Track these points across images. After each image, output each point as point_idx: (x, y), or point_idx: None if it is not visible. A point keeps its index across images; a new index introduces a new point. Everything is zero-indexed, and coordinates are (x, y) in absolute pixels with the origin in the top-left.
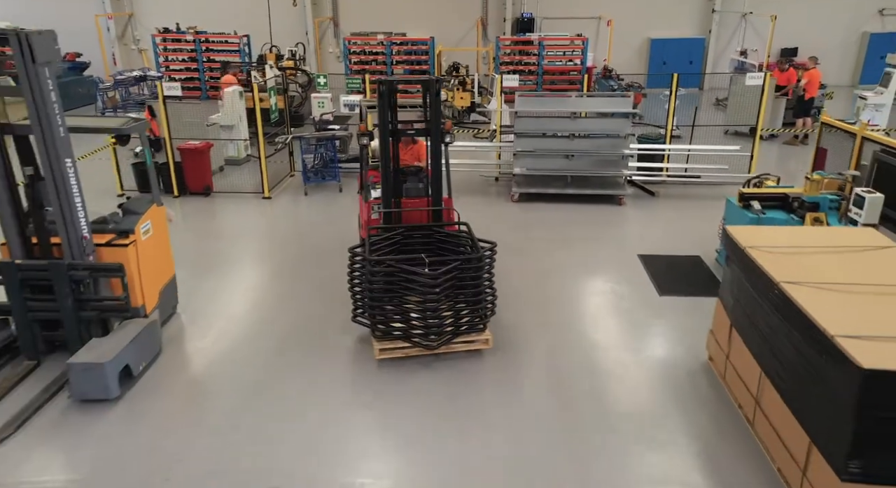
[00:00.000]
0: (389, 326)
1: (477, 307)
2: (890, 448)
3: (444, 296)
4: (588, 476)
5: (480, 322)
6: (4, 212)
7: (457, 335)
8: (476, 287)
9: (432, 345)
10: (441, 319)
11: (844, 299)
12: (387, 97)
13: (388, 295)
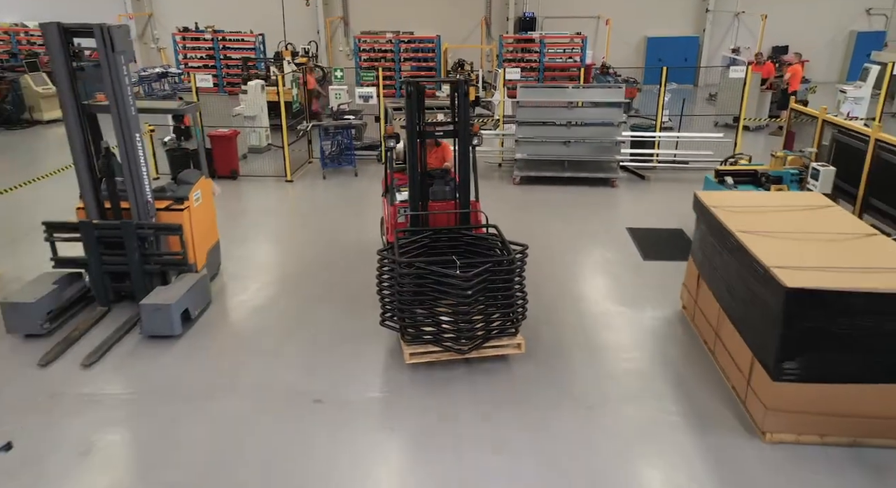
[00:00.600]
0: (420, 330)
1: (509, 310)
2: (808, 351)
3: (475, 299)
4: (576, 390)
5: (512, 326)
6: (83, 180)
7: (488, 339)
8: (507, 290)
9: (463, 349)
10: (472, 323)
11: (782, 243)
12: (415, 98)
13: (418, 298)
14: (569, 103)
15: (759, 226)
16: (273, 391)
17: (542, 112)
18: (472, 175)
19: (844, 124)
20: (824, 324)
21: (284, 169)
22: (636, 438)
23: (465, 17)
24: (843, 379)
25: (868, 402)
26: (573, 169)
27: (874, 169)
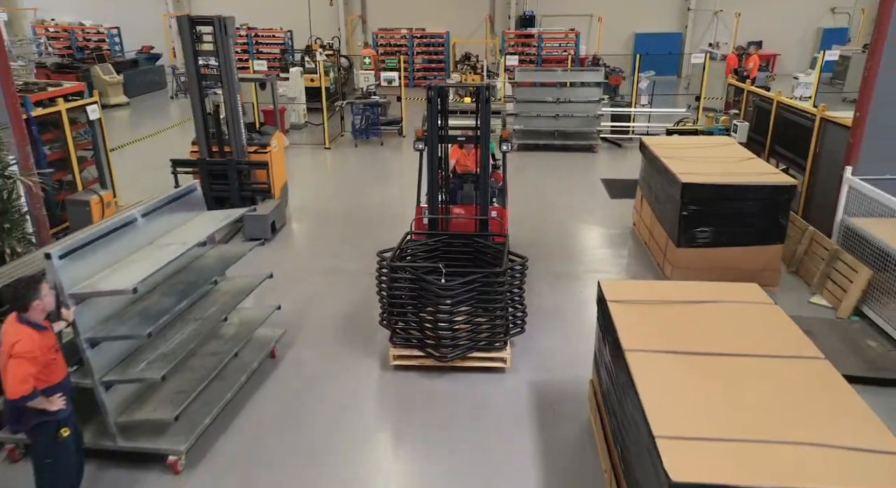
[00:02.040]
0: (408, 333)
1: (495, 323)
2: (696, 226)
3: (459, 308)
4: (553, 269)
5: (498, 340)
6: (199, 129)
7: (472, 349)
8: (496, 302)
9: (444, 357)
10: (454, 332)
11: (689, 162)
12: (436, 102)
13: (407, 302)
14: (558, 83)
15: (677, 155)
16: (337, 272)
17: (535, 92)
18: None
19: (760, 92)
20: (707, 207)
21: (324, 138)
22: (591, 287)
23: (472, 15)
24: (721, 244)
25: (740, 259)
26: (561, 138)
27: (777, 124)
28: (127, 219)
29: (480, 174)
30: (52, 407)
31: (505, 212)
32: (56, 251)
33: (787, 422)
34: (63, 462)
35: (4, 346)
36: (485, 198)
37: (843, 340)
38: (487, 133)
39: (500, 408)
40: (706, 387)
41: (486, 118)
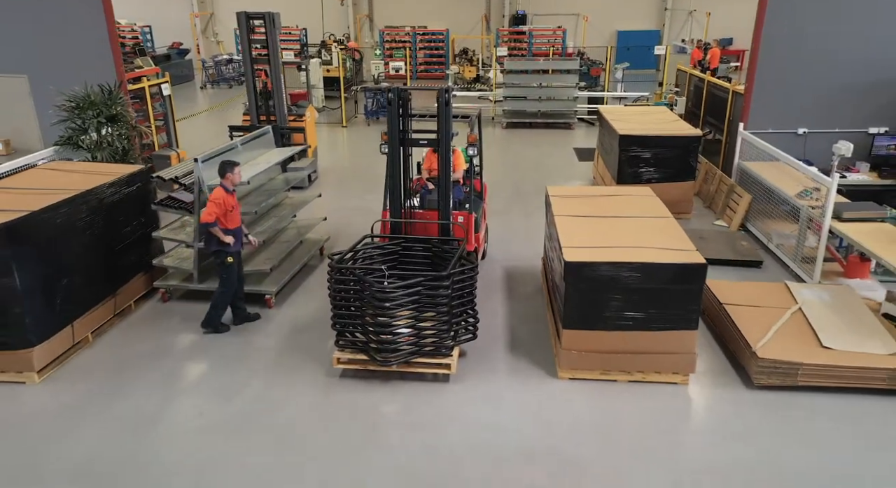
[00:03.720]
0: (353, 336)
1: (441, 329)
2: (630, 168)
3: (401, 312)
4: (527, 207)
5: (445, 346)
6: (251, 101)
7: (416, 355)
8: (442, 307)
9: (385, 362)
10: (394, 336)
11: (629, 123)
12: (396, 105)
13: (351, 304)
14: (542, 71)
15: (621, 118)
16: (360, 209)
17: (522, 78)
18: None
19: (697, 74)
20: (637, 153)
21: (341, 118)
22: None
23: (469, 14)
24: (649, 181)
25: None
26: (543, 117)
27: (707, 99)
28: (232, 145)
29: (441, 177)
30: (224, 239)
31: (472, 217)
32: (200, 158)
33: (636, 240)
34: (230, 277)
35: (211, 195)
36: (445, 202)
37: (727, 242)
38: (448, 136)
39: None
40: (596, 228)
41: (446, 121)
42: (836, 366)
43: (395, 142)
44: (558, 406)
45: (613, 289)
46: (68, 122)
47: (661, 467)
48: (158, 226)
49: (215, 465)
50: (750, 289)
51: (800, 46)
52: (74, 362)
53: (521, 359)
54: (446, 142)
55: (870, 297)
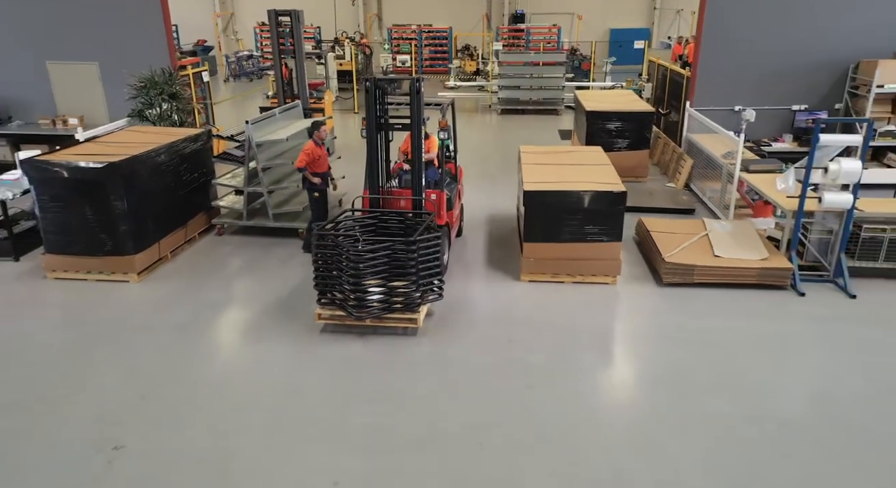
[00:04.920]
0: (330, 295)
1: (409, 289)
2: (594, 139)
3: (371, 273)
4: (512, 176)
5: (411, 303)
6: (279, 86)
7: (388, 311)
8: (408, 270)
9: (360, 316)
10: (365, 294)
11: (596, 102)
12: (373, 93)
13: (331, 267)
14: (532, 63)
15: (591, 98)
16: None
17: (517, 69)
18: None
19: (663, 64)
20: (601, 125)
21: (353, 105)
22: None
23: (471, 13)
24: (611, 149)
25: (623, 158)
26: (534, 104)
27: (669, 84)
28: (272, 113)
29: (414, 159)
30: (312, 180)
31: (443, 195)
32: (250, 121)
33: (580, 178)
34: (317, 208)
35: (304, 147)
36: (418, 181)
37: (671, 197)
38: (419, 121)
39: (470, 224)
40: (551, 171)
41: (417, 108)
42: (720, 267)
43: (372, 126)
44: (520, 295)
45: (560, 211)
46: (138, 98)
47: (589, 328)
48: (215, 176)
49: (257, 326)
50: (675, 224)
51: (734, 39)
52: (159, 271)
53: (494, 268)
54: (418, 126)
55: (766, 229)
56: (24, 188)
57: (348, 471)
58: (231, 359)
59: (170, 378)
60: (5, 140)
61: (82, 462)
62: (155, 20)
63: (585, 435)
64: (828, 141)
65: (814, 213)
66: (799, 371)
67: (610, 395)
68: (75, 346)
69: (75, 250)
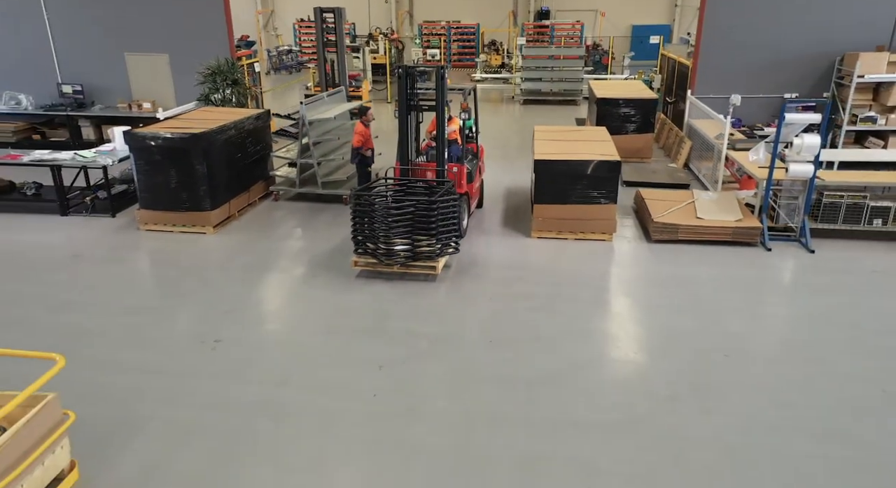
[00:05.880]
0: (365, 245)
1: (430, 241)
2: (603, 122)
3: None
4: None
5: (432, 254)
6: (321, 76)
7: (414, 260)
8: (429, 225)
9: (388, 263)
10: (390, 245)
11: (607, 90)
12: (404, 79)
13: (365, 223)
14: (553, 57)
15: (603, 87)
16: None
17: (539, 62)
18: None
19: (670, 55)
20: (610, 111)
21: (387, 95)
22: None
23: (498, 10)
24: (619, 132)
25: (629, 141)
26: (555, 95)
27: (677, 74)
28: (320, 96)
29: (438, 137)
30: (365, 153)
31: (463, 168)
32: (304, 102)
33: (583, 151)
34: (363, 177)
35: (356, 129)
36: (441, 155)
37: (670, 174)
38: (443, 104)
39: (490, 196)
40: (559, 145)
41: (442, 93)
42: (701, 227)
43: (403, 107)
44: (530, 247)
45: (565, 177)
46: (205, 84)
47: (589, 274)
48: (272, 149)
49: (310, 267)
50: (667, 194)
51: (731, 31)
52: (229, 226)
53: (509, 228)
54: (442, 107)
55: (744, 198)
56: (119, 157)
57: (390, 358)
58: (291, 287)
59: (245, 301)
60: (89, 121)
61: (195, 346)
62: (218, 16)
63: (573, 340)
64: (792, 118)
65: (781, 182)
66: (755, 304)
67: (597, 317)
68: (171, 277)
69: (163, 206)
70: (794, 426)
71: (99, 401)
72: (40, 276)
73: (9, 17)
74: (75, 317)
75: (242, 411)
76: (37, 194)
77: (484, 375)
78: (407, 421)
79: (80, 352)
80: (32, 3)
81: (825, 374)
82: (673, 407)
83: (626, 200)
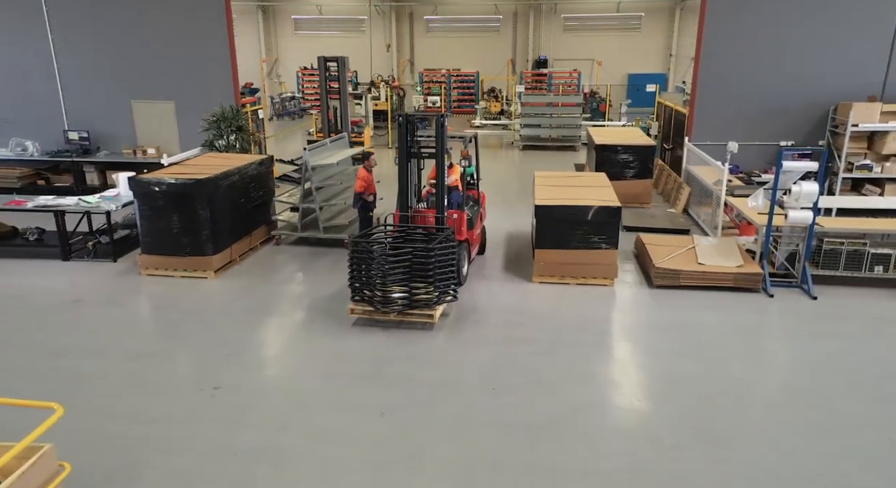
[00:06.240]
0: (362, 292)
1: (428, 289)
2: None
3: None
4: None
5: (429, 302)
6: (324, 122)
7: (411, 308)
8: (427, 273)
9: (385, 311)
10: (387, 292)
11: (606, 136)
12: (405, 127)
13: (363, 270)
14: (551, 104)
15: (602, 134)
16: None
17: (537, 109)
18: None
19: (667, 103)
20: (609, 157)
21: (388, 141)
22: None
23: (497, 58)
24: (618, 178)
25: (628, 186)
26: (553, 141)
27: (674, 122)
28: (323, 142)
29: (438, 183)
30: (367, 198)
31: (463, 215)
32: (307, 149)
33: (584, 196)
34: (364, 221)
35: (358, 174)
36: (441, 202)
37: (669, 219)
38: (442, 152)
39: (492, 241)
40: (560, 190)
41: (441, 141)
42: (703, 272)
43: (403, 154)
44: (532, 292)
45: (566, 222)
46: (210, 130)
47: (591, 318)
48: (275, 194)
49: (309, 312)
50: (667, 239)
51: (726, 81)
52: (230, 271)
53: (510, 273)
54: (441, 154)
55: (745, 243)
56: (123, 202)
57: (390, 404)
58: (290, 332)
59: (244, 345)
60: (94, 167)
61: (195, 392)
62: (224, 64)
63: (574, 385)
64: (790, 166)
65: (781, 228)
66: (758, 349)
67: (599, 362)
68: (172, 322)
69: (165, 251)
70: (797, 474)
71: (98, 450)
72: (41, 321)
73: (19, 66)
74: (75, 362)
75: (242, 458)
76: (39, 239)
77: (484, 421)
78: (408, 468)
79: (80, 398)
80: (43, 53)
81: (827, 421)
82: (677, 454)
83: (626, 245)
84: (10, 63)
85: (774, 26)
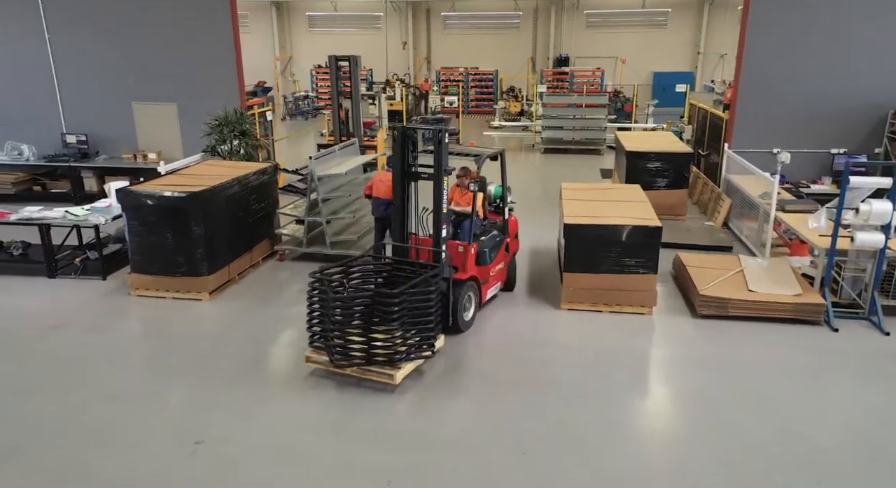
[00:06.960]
0: (319, 337)
1: (389, 342)
2: (634, 177)
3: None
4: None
5: (390, 359)
6: (336, 124)
7: (370, 363)
8: (391, 323)
9: (341, 363)
10: (346, 342)
11: (636, 142)
12: (400, 142)
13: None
14: (575, 104)
15: (631, 139)
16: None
17: (560, 110)
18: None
19: (701, 105)
20: (641, 164)
21: None
22: None
23: (517, 56)
24: (650, 188)
25: (661, 197)
26: (577, 144)
27: (709, 126)
28: (332, 150)
29: (434, 209)
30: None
31: (470, 247)
32: (313, 156)
33: (617, 213)
34: (379, 229)
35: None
36: (437, 231)
37: (708, 234)
38: (440, 170)
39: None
40: (590, 206)
41: (440, 157)
42: (754, 301)
43: (398, 176)
44: (559, 321)
45: (599, 243)
46: (212, 135)
47: (623, 352)
48: (279, 206)
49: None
50: (711, 259)
51: (771, 83)
52: (228, 291)
53: (536, 298)
54: (438, 175)
55: (800, 267)
56: (114, 214)
57: (394, 466)
58: (286, 371)
59: (235, 385)
60: (92, 172)
61: (173, 446)
62: (229, 65)
63: (611, 441)
64: (858, 182)
65: (847, 252)
66: (824, 398)
67: (638, 410)
68: (157, 354)
69: (156, 270)
70: None
71: None
72: (12, 350)
73: (15, 66)
74: (43, 406)
75: None
76: (24, 254)
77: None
78: None
79: (41, 451)
80: (40, 52)
81: None
82: None
83: (662, 263)
84: (4, 61)
85: (828, 19)
